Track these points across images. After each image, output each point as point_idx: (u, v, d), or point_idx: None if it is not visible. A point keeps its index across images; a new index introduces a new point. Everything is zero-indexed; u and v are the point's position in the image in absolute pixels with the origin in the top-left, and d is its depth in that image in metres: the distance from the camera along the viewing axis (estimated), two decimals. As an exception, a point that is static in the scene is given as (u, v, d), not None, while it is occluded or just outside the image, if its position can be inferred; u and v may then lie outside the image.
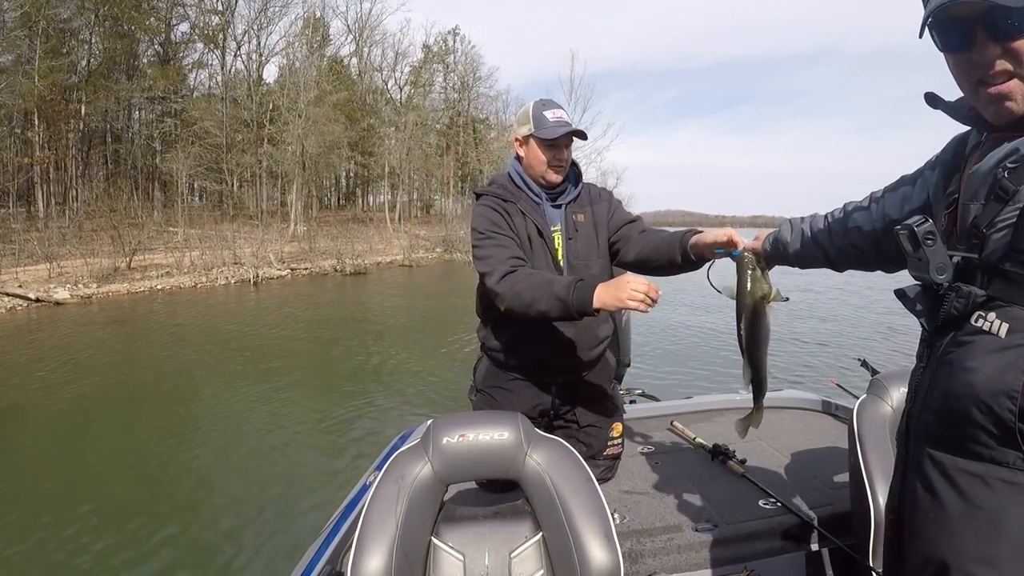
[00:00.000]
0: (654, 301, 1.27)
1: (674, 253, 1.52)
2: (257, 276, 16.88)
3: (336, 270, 19.52)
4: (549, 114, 1.62)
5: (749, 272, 1.23)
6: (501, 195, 1.67)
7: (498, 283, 1.46)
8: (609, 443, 1.77)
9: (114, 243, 15.73)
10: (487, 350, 1.76)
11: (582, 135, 1.65)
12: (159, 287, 15.10)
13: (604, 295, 1.32)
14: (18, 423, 5.72)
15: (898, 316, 12.08)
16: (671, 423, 2.19)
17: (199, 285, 15.81)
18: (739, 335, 1.28)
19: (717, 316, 11.84)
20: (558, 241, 1.67)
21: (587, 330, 1.68)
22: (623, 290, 1.28)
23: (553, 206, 1.69)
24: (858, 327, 10.72)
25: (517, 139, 1.69)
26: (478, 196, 1.72)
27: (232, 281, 16.54)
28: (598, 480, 1.66)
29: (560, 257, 1.66)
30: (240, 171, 25.98)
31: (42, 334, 9.93)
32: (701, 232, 1.47)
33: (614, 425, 1.79)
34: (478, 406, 1.80)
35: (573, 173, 1.73)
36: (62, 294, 13.23)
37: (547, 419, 1.76)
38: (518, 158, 1.71)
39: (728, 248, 1.34)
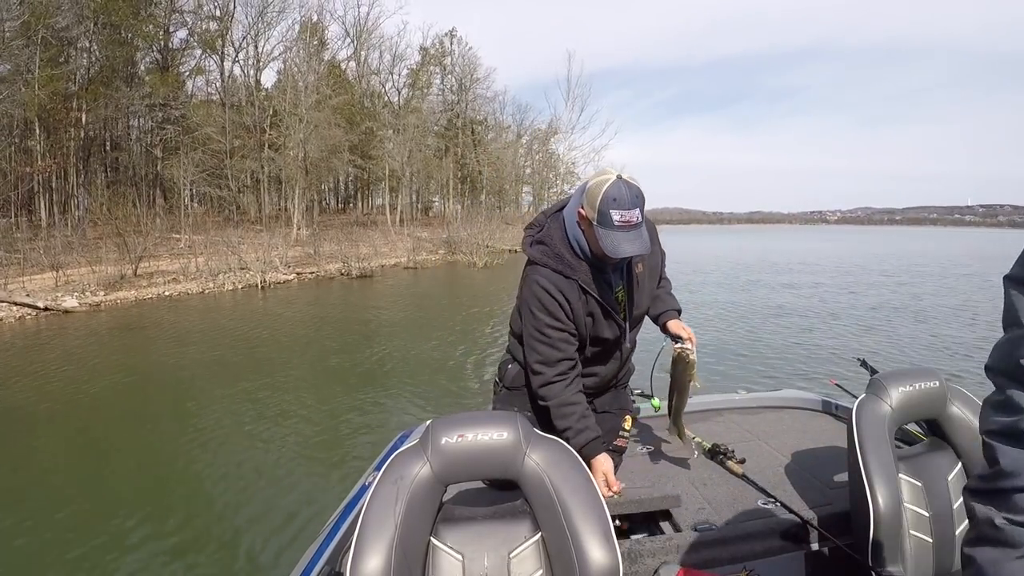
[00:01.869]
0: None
1: (655, 319, 1.79)
2: (264, 281, 16.85)
3: (342, 273, 19.48)
4: (616, 215, 1.41)
5: (684, 363, 1.66)
6: (560, 270, 1.54)
7: (540, 388, 1.62)
8: (620, 433, 1.79)
9: (120, 250, 15.71)
10: (518, 362, 1.76)
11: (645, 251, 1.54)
12: (167, 293, 15.06)
13: (594, 465, 1.57)
14: (35, 429, 5.71)
15: (899, 316, 12.14)
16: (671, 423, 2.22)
17: (207, 291, 15.75)
18: (670, 396, 1.76)
19: (717, 316, 11.89)
20: (620, 298, 1.63)
21: (629, 361, 1.81)
22: (599, 474, 1.56)
23: (615, 267, 1.61)
24: (857, 327, 10.74)
25: (581, 212, 1.50)
26: (531, 261, 1.60)
27: (239, 287, 16.49)
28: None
29: (623, 315, 1.64)
30: (242, 176, 25.96)
31: (55, 343, 9.90)
32: (673, 320, 1.74)
33: (627, 416, 1.82)
34: (501, 401, 1.82)
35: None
36: (70, 302, 13.21)
37: None
38: (579, 223, 1.54)
39: (677, 338, 1.70)
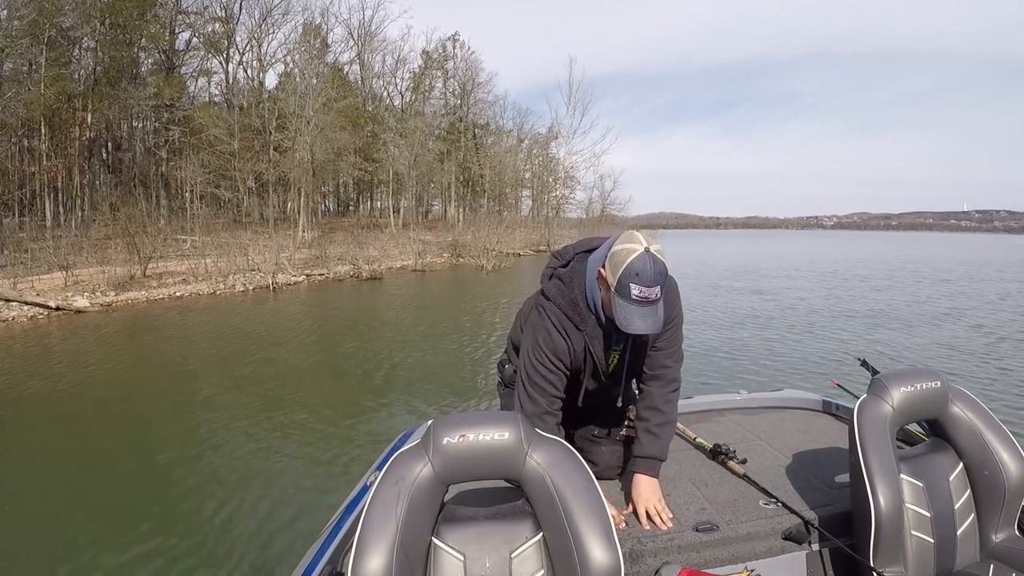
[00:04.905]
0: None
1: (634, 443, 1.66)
2: (276, 283, 16.79)
3: (352, 276, 19.46)
4: (636, 289, 1.38)
5: None
6: (568, 314, 1.53)
7: (531, 416, 1.55)
8: (626, 424, 1.80)
9: (129, 251, 15.63)
10: (514, 364, 1.82)
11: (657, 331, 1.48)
12: (178, 294, 14.98)
13: None
14: (57, 428, 5.68)
15: (899, 315, 12.18)
16: None
17: (218, 292, 15.69)
18: None
19: (718, 315, 11.92)
20: (614, 358, 1.61)
21: (610, 405, 1.75)
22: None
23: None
24: (858, 327, 10.76)
25: (601, 273, 1.47)
26: (545, 295, 1.59)
27: (250, 288, 16.45)
28: (612, 469, 1.74)
29: (609, 370, 1.62)
30: (247, 179, 25.92)
31: (72, 342, 9.83)
32: (645, 480, 1.58)
33: (630, 406, 1.82)
34: (505, 398, 1.86)
35: None
36: (82, 302, 13.11)
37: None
38: (599, 285, 1.51)
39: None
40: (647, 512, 1.51)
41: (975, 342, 9.32)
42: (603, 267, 1.45)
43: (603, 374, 1.61)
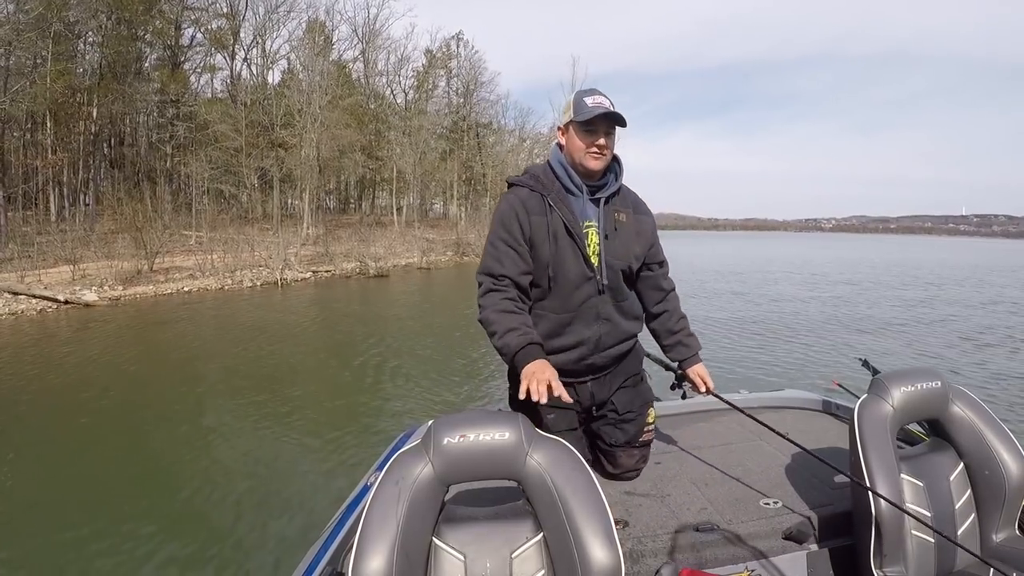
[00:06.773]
0: (540, 397, 1.32)
1: (667, 353, 1.87)
2: (284, 279, 16.79)
3: (359, 273, 19.48)
4: (589, 100, 1.57)
5: None
6: (530, 185, 1.61)
7: (479, 297, 1.56)
8: (646, 429, 1.78)
9: (136, 245, 15.59)
10: None
11: (620, 120, 1.58)
12: (186, 289, 14.99)
13: (529, 368, 1.38)
14: (60, 425, 5.65)
15: (900, 315, 12.22)
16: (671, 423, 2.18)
17: (226, 287, 15.71)
18: None
19: (718, 314, 11.93)
20: (592, 237, 1.60)
21: (615, 328, 1.68)
22: (533, 378, 1.33)
23: (591, 199, 1.62)
24: (858, 327, 10.77)
25: (559, 128, 1.66)
26: (509, 185, 1.68)
27: (258, 283, 16.46)
28: (631, 472, 1.77)
29: (593, 254, 1.59)
30: (251, 176, 25.88)
31: (84, 335, 9.81)
32: (700, 367, 1.82)
33: (649, 411, 1.81)
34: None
35: (615, 168, 1.68)
36: (90, 296, 13.09)
37: (587, 413, 1.75)
38: (560, 148, 1.66)
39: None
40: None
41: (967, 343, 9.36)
42: (559, 130, 1.66)
43: (580, 246, 1.56)
